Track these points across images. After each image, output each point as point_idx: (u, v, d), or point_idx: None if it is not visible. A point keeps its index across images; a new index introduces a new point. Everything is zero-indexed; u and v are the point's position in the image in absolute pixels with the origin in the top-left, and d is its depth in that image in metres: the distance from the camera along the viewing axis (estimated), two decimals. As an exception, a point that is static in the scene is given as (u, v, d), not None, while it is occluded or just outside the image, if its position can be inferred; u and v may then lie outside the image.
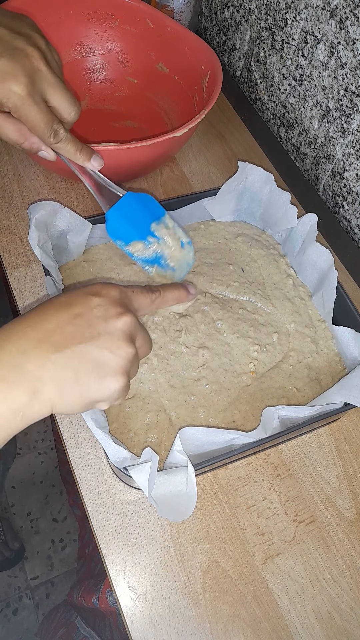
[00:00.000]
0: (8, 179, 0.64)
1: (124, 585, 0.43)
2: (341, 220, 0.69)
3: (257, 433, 0.42)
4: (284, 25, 0.68)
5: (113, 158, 0.53)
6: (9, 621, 1.10)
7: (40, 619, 1.10)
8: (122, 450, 0.38)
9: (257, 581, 0.44)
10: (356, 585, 0.45)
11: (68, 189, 0.65)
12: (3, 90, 0.39)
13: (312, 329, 0.54)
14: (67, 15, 0.68)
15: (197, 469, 0.40)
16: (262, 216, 0.60)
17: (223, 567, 0.44)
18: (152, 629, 0.41)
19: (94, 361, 0.32)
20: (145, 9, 0.68)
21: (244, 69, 0.82)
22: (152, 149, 0.54)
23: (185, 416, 0.47)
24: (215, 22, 0.86)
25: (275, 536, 0.46)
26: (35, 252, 0.47)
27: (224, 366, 0.50)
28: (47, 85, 0.41)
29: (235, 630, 0.42)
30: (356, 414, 0.53)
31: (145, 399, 0.47)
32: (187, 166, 0.70)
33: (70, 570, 1.16)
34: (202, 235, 0.60)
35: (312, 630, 0.43)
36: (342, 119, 0.63)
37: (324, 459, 0.50)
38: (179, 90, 0.70)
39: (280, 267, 0.58)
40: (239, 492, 0.47)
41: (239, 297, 0.55)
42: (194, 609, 0.42)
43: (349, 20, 0.56)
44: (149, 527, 0.45)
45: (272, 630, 0.42)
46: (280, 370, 0.51)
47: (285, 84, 0.72)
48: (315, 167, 0.72)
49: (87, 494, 0.45)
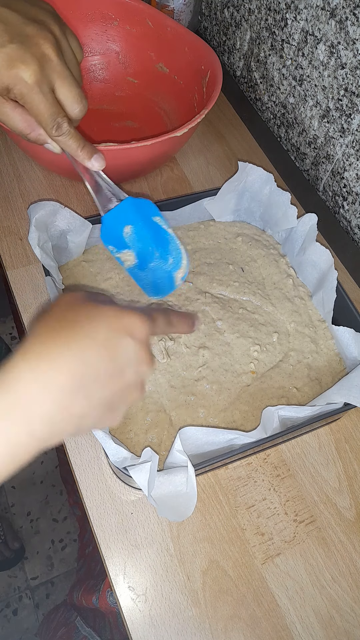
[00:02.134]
0: (8, 179, 0.64)
1: (124, 585, 0.43)
2: (341, 220, 0.69)
3: (257, 433, 0.42)
4: (284, 25, 0.68)
5: (113, 158, 0.53)
6: (9, 621, 1.10)
7: (40, 619, 1.10)
8: (122, 450, 0.38)
9: (257, 581, 0.44)
10: (356, 585, 0.45)
11: (68, 189, 0.65)
12: (11, 77, 0.38)
13: (312, 328, 0.54)
14: (67, 15, 0.68)
15: (197, 469, 0.40)
16: (262, 216, 0.60)
17: (223, 567, 0.44)
18: (152, 629, 0.41)
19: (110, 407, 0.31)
20: (145, 9, 0.68)
21: (244, 69, 0.82)
22: (152, 149, 0.54)
23: (185, 416, 0.47)
24: (215, 22, 0.86)
25: (275, 536, 0.46)
26: (35, 252, 0.47)
27: (224, 366, 0.50)
28: (56, 75, 0.40)
29: (235, 630, 0.42)
30: (356, 414, 0.53)
31: (145, 399, 0.47)
32: (187, 166, 0.70)
33: (70, 570, 1.16)
34: (202, 235, 0.60)
35: (312, 630, 0.43)
36: (342, 119, 0.63)
37: (324, 459, 0.50)
38: (179, 90, 0.70)
39: (280, 267, 0.58)
40: (239, 492, 0.47)
41: (239, 297, 0.55)
42: (194, 609, 0.42)
43: (349, 20, 0.56)
44: (149, 527, 0.45)
45: (272, 630, 0.42)
46: (280, 370, 0.51)
47: (285, 84, 0.72)
48: (315, 167, 0.72)
49: (87, 494, 0.45)
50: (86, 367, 0.29)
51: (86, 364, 0.29)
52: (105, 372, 0.30)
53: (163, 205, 0.57)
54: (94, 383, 0.29)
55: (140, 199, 0.46)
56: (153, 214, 0.47)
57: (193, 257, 0.58)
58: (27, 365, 0.28)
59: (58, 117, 0.41)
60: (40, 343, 0.29)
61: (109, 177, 0.47)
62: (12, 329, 1.45)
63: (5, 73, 0.38)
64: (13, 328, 1.45)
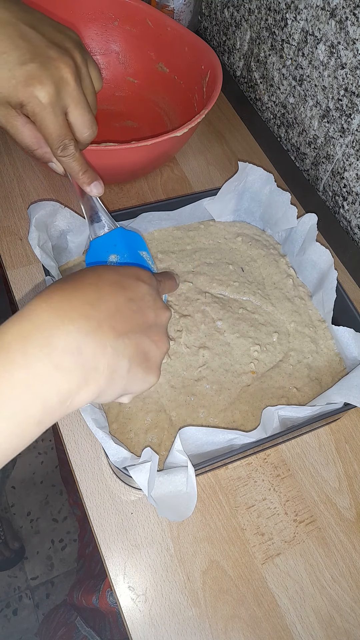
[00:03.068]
0: (8, 179, 0.65)
1: (124, 585, 0.43)
2: (341, 220, 0.69)
3: (257, 433, 0.42)
4: (284, 25, 0.68)
5: (113, 158, 0.53)
6: (9, 621, 1.10)
7: (40, 619, 1.10)
8: (122, 450, 0.38)
9: (257, 581, 0.44)
10: (356, 585, 0.45)
11: (68, 189, 0.65)
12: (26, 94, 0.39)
13: (312, 328, 0.54)
14: (67, 15, 0.68)
15: (197, 469, 0.40)
16: (262, 216, 0.60)
17: (223, 567, 0.44)
18: (152, 629, 0.41)
19: (144, 353, 0.31)
20: (145, 9, 0.68)
21: (244, 69, 0.82)
22: (152, 149, 0.54)
23: (185, 416, 0.47)
24: (215, 22, 0.86)
25: (275, 536, 0.46)
26: (35, 252, 0.47)
27: (224, 366, 0.50)
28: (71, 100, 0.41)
29: (235, 630, 0.42)
30: (356, 414, 0.53)
31: (145, 399, 0.47)
32: (187, 166, 0.70)
33: (70, 570, 1.16)
34: (202, 235, 0.60)
35: (312, 630, 0.43)
36: (342, 119, 0.63)
37: (324, 459, 0.50)
38: (179, 90, 0.70)
39: (280, 267, 0.58)
40: (239, 492, 0.47)
41: (239, 297, 0.55)
42: (194, 609, 0.42)
43: (349, 20, 0.56)
44: (149, 527, 0.45)
45: (272, 630, 0.42)
46: (281, 370, 0.51)
47: (285, 84, 0.72)
48: (315, 167, 0.72)
49: (87, 494, 0.45)
50: (103, 299, 0.29)
51: (102, 296, 0.29)
52: (125, 306, 0.29)
53: (163, 205, 0.57)
54: (116, 316, 0.29)
55: (131, 232, 0.47)
56: (141, 249, 0.47)
57: (193, 257, 0.58)
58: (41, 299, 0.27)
59: (65, 139, 0.42)
60: (51, 287, 0.28)
61: (110, 177, 0.47)
62: (12, 329, 1.45)
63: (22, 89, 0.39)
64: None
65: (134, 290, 0.31)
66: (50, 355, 0.25)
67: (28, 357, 0.25)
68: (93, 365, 0.27)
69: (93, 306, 0.28)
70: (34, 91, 0.39)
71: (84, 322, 0.27)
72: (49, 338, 0.25)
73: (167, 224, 0.59)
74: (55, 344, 0.25)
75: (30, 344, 0.25)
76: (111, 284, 0.30)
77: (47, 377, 0.25)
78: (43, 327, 0.25)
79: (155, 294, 0.33)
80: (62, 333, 0.26)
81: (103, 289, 0.30)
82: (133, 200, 0.65)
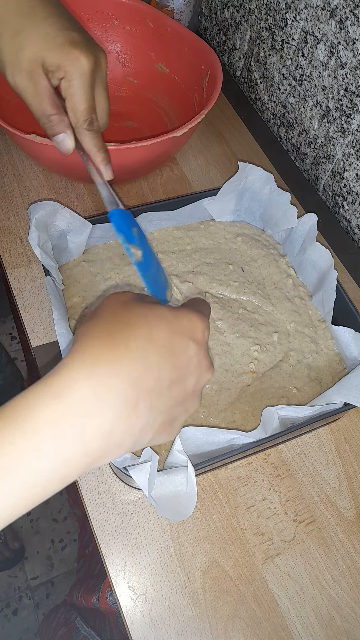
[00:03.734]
0: (8, 179, 0.64)
1: (124, 585, 0.43)
2: (341, 220, 0.69)
3: (257, 433, 0.42)
4: (284, 25, 0.68)
5: (113, 158, 0.53)
6: (9, 621, 1.10)
7: (40, 619, 1.10)
8: (122, 450, 0.38)
9: (257, 581, 0.44)
10: (356, 585, 0.45)
11: (68, 189, 0.65)
12: (70, 57, 0.38)
13: (312, 328, 0.54)
14: (67, 15, 0.68)
15: (197, 468, 0.40)
16: (262, 216, 0.60)
17: (223, 567, 0.44)
18: (152, 629, 0.41)
19: (171, 420, 0.29)
20: (145, 9, 0.68)
21: (244, 69, 0.82)
22: (152, 149, 0.54)
23: (185, 416, 0.47)
24: (215, 22, 0.86)
25: (275, 536, 0.46)
26: (35, 252, 0.47)
27: (225, 366, 0.50)
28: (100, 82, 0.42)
29: (235, 630, 0.42)
30: (356, 414, 0.53)
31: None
32: (187, 166, 0.70)
33: (70, 570, 1.16)
34: (202, 235, 0.60)
35: (312, 630, 0.43)
36: (342, 119, 0.63)
37: (324, 459, 0.50)
38: (179, 90, 0.70)
39: (280, 267, 0.58)
40: (239, 492, 0.47)
41: (239, 297, 0.55)
42: (194, 609, 0.42)
43: (349, 20, 0.57)
44: (149, 527, 0.45)
45: (272, 630, 0.42)
46: (281, 370, 0.51)
47: (285, 84, 0.72)
48: (315, 167, 0.72)
49: (87, 494, 0.45)
50: (148, 372, 0.26)
51: (148, 368, 0.26)
52: (168, 378, 0.27)
53: (163, 205, 0.57)
54: (157, 391, 0.26)
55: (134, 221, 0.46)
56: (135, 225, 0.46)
57: (193, 257, 0.58)
58: (81, 368, 0.24)
59: (93, 113, 0.42)
60: (94, 346, 0.25)
61: None
62: (12, 329, 1.45)
63: (67, 51, 0.38)
64: (13, 328, 1.45)
65: (181, 356, 0.28)
66: (82, 442, 0.24)
67: (57, 444, 0.23)
68: (118, 443, 0.25)
69: (135, 385, 0.25)
70: (79, 56, 0.39)
71: (122, 406, 0.25)
72: (82, 427, 0.24)
73: (167, 224, 0.59)
74: (88, 432, 0.24)
75: (63, 432, 0.23)
76: (159, 352, 0.27)
77: (75, 462, 0.24)
78: (79, 412, 0.24)
79: (203, 353, 0.30)
80: (96, 420, 0.24)
81: (150, 358, 0.26)
82: (133, 200, 0.65)
